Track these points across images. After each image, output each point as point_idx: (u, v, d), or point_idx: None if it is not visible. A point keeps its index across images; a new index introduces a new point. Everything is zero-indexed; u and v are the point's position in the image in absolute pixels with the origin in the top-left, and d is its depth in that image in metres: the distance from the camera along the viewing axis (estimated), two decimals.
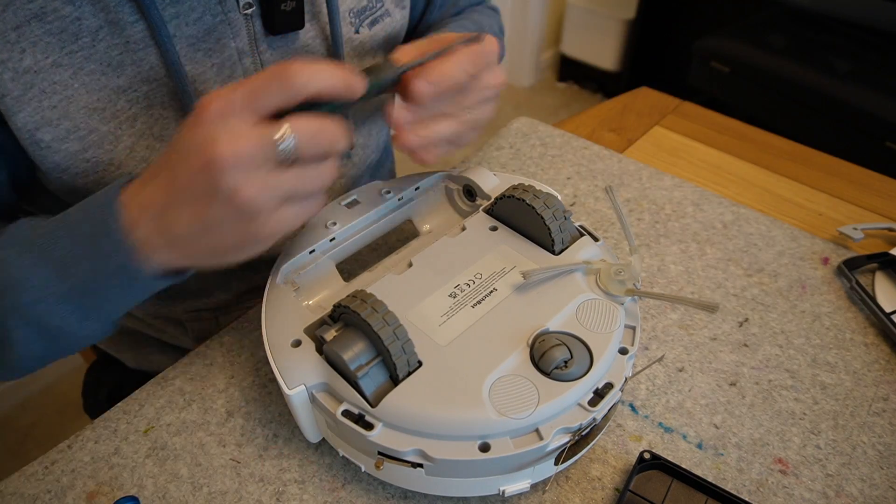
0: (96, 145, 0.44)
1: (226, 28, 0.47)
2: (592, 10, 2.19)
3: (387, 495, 0.41)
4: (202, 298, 0.62)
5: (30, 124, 0.41)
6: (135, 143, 0.46)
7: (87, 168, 0.45)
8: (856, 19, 1.47)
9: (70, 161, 0.44)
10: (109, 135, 0.45)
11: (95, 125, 0.44)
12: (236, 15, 0.47)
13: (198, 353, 0.50)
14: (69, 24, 0.40)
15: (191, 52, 0.46)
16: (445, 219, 0.52)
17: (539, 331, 0.39)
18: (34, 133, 0.42)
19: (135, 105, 0.45)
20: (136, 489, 0.42)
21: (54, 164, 0.44)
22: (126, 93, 0.44)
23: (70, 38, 0.41)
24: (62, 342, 0.41)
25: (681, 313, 0.53)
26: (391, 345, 0.35)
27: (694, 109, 0.81)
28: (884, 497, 0.41)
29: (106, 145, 0.45)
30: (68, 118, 0.42)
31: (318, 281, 0.45)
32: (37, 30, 0.39)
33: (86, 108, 0.43)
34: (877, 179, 0.69)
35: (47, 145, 0.43)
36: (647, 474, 0.41)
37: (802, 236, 0.61)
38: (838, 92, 1.51)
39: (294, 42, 0.51)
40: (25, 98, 0.40)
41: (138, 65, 0.44)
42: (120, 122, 0.45)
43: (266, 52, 0.50)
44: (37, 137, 0.42)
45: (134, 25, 0.42)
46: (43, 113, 0.41)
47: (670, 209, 0.64)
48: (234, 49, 0.48)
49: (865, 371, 0.49)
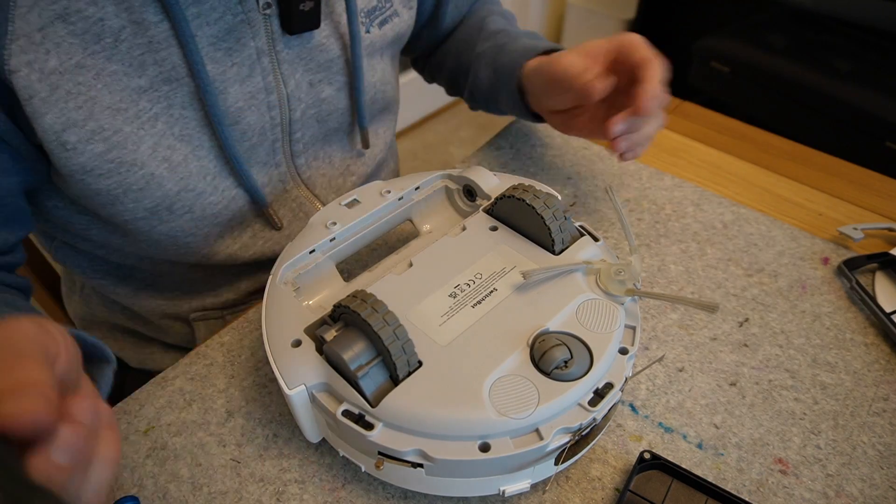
0: (120, 146, 0.44)
1: (245, 28, 0.47)
2: (592, 10, 2.19)
3: (387, 495, 0.41)
4: (210, 297, 0.62)
5: (56, 125, 0.41)
6: (157, 143, 0.46)
7: (111, 169, 0.45)
8: (856, 19, 1.47)
9: (95, 162, 0.44)
10: (133, 135, 0.45)
11: (119, 126, 0.44)
12: (256, 15, 0.47)
13: (198, 353, 0.50)
14: (92, 25, 0.40)
15: (211, 51, 0.46)
16: (445, 219, 0.52)
17: (539, 331, 0.39)
18: (60, 134, 0.42)
19: (156, 105, 0.45)
20: (136, 489, 0.42)
21: (79, 166, 0.44)
22: (147, 93, 0.44)
23: (93, 38, 0.41)
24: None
25: (681, 313, 0.53)
26: (391, 345, 0.35)
27: (694, 109, 0.81)
28: (884, 497, 0.41)
29: (130, 146, 0.45)
30: (94, 119, 0.42)
31: (318, 281, 0.45)
32: (61, 31, 0.39)
33: (109, 108, 0.43)
34: (877, 179, 0.69)
35: (73, 146, 0.42)
36: (647, 474, 0.41)
37: (802, 236, 0.61)
38: (838, 92, 1.51)
39: (309, 42, 0.52)
40: (52, 99, 0.40)
41: (160, 65, 0.44)
42: (142, 123, 0.45)
43: (283, 52, 0.50)
44: (63, 139, 0.42)
45: (157, 25, 0.43)
46: (69, 114, 0.41)
47: (670, 209, 0.64)
48: (254, 48, 0.48)
49: (866, 371, 0.49)
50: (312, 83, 0.54)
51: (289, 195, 0.59)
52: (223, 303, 0.62)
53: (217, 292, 0.62)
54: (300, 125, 0.55)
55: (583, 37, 2.29)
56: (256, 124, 0.51)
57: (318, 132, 0.57)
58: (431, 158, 2.02)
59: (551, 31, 2.43)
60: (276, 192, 0.57)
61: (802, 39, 1.59)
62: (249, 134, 0.51)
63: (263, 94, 0.50)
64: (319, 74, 0.54)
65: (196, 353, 0.50)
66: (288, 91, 0.52)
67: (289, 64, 0.51)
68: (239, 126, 0.50)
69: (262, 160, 0.54)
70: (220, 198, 0.52)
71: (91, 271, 0.62)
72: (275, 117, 0.52)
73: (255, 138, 0.52)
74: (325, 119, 0.57)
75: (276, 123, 0.53)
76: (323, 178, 0.61)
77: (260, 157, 0.54)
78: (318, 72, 0.54)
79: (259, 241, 0.58)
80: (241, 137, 0.51)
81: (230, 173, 0.52)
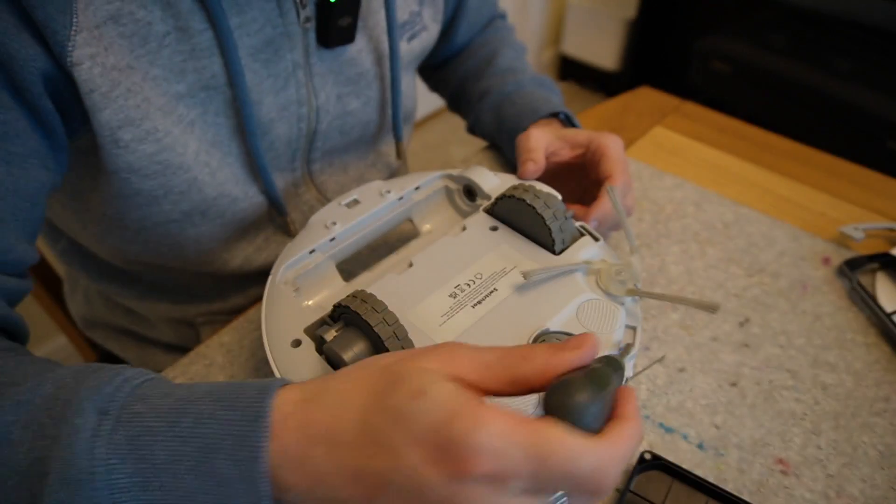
0: (170, 148, 0.44)
1: (284, 40, 0.47)
2: (593, 9, 2.19)
3: None
4: (217, 302, 0.62)
5: (113, 122, 0.41)
6: (198, 147, 0.46)
7: (157, 170, 0.45)
8: (856, 19, 1.47)
9: (144, 162, 0.44)
10: (181, 138, 0.45)
11: (170, 128, 0.44)
12: (295, 28, 0.47)
13: (198, 353, 0.50)
14: (140, 28, 0.40)
15: (250, 61, 0.46)
16: (446, 219, 0.52)
17: (539, 331, 0.39)
18: (116, 131, 0.41)
19: (192, 111, 0.45)
20: None
21: (127, 165, 0.43)
22: (184, 99, 0.44)
23: (139, 41, 0.41)
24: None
25: (681, 313, 0.53)
26: (391, 345, 0.35)
27: (694, 109, 0.81)
28: (885, 497, 0.41)
29: (178, 148, 0.45)
30: (149, 119, 0.42)
31: (318, 281, 0.45)
32: (112, 31, 0.39)
33: (160, 110, 0.43)
34: (878, 179, 0.69)
35: (126, 144, 0.42)
36: (647, 475, 0.41)
37: (803, 236, 0.61)
38: (839, 92, 1.51)
39: (342, 55, 0.52)
40: (112, 95, 0.40)
41: (200, 72, 0.44)
42: (184, 128, 0.45)
43: (317, 65, 0.51)
44: (117, 136, 0.42)
45: (202, 34, 0.43)
46: (127, 112, 0.41)
47: (671, 209, 0.64)
48: (290, 61, 0.48)
49: (866, 371, 0.49)
50: (340, 96, 0.54)
51: (300, 199, 0.59)
52: (231, 308, 0.62)
53: (225, 297, 0.62)
54: (323, 136, 0.55)
55: (583, 37, 2.29)
56: (285, 135, 0.52)
57: (339, 143, 0.58)
58: (431, 158, 2.02)
59: (552, 31, 2.43)
60: (289, 196, 0.58)
61: (803, 39, 1.59)
62: (277, 144, 0.52)
63: (295, 106, 0.51)
64: (348, 88, 0.54)
65: (196, 354, 0.50)
66: (318, 104, 0.52)
67: (320, 77, 0.51)
68: (268, 136, 0.51)
69: (282, 167, 0.55)
70: (248, 204, 0.53)
71: (97, 275, 0.62)
72: (302, 129, 0.53)
73: (281, 148, 0.53)
74: (347, 131, 0.57)
75: (302, 134, 0.53)
76: (336, 184, 0.61)
77: (281, 165, 0.54)
78: (346, 85, 0.54)
79: (272, 244, 0.59)
80: (269, 147, 0.51)
81: (255, 180, 0.53)
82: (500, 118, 0.63)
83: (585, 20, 2.24)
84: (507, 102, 0.63)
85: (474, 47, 0.72)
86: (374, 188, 0.50)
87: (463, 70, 0.71)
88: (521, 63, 0.70)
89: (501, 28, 0.75)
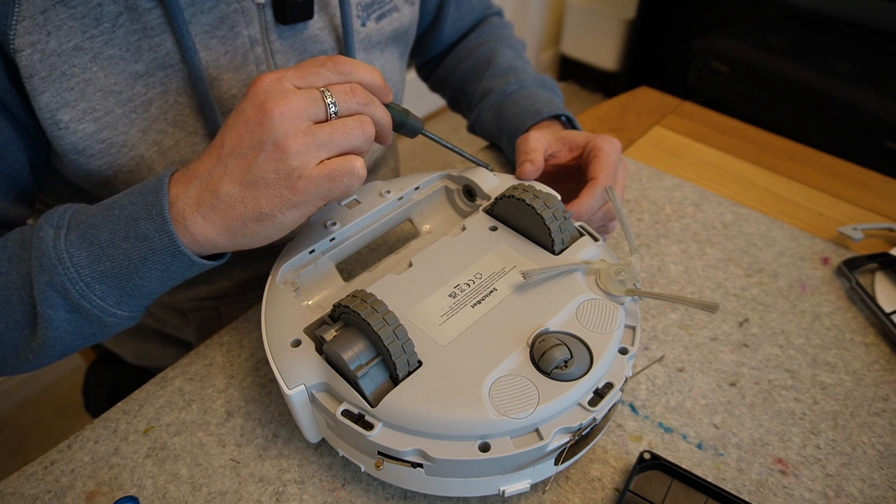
0: (111, 127, 0.46)
1: (239, 16, 0.48)
2: (592, 9, 2.19)
3: (387, 495, 0.41)
4: (204, 286, 0.62)
5: (51, 105, 0.43)
6: (148, 126, 0.47)
7: (102, 149, 0.46)
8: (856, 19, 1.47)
9: (86, 142, 0.45)
10: (124, 117, 0.46)
11: (111, 107, 0.45)
12: (249, 4, 0.48)
13: (198, 353, 0.50)
14: (91, 10, 0.42)
15: (205, 38, 0.47)
16: (445, 219, 0.52)
17: (539, 331, 0.39)
18: (55, 113, 0.43)
19: (151, 90, 0.46)
20: (136, 489, 0.42)
21: (71, 145, 0.45)
22: (143, 78, 0.46)
23: (92, 22, 0.42)
24: (92, 326, 0.42)
25: (681, 313, 0.53)
26: (391, 344, 0.35)
27: (694, 109, 0.81)
28: (884, 497, 0.41)
29: (120, 127, 0.46)
30: (85, 100, 0.44)
31: (318, 281, 0.45)
32: (62, 14, 0.41)
33: (102, 90, 0.44)
34: (877, 179, 0.69)
35: (65, 125, 0.44)
36: (647, 474, 0.41)
37: (802, 236, 0.61)
38: (838, 92, 1.51)
39: (302, 32, 0.52)
40: (50, 79, 0.42)
41: (155, 50, 0.45)
42: (135, 106, 0.46)
43: (276, 42, 0.51)
44: (56, 118, 0.43)
45: (151, 12, 0.44)
46: (63, 94, 0.43)
47: (670, 209, 0.64)
48: (247, 37, 0.49)
49: (865, 371, 0.49)
50: None
51: None
52: (217, 291, 0.62)
53: (211, 280, 0.62)
54: None
55: (582, 37, 2.29)
56: None
57: None
58: (431, 158, 2.02)
59: (551, 31, 2.43)
60: None
61: (802, 39, 1.59)
62: None
63: None
64: None
65: (195, 353, 0.50)
66: None
67: (282, 54, 0.52)
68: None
69: None
70: None
71: None
72: None
73: None
74: None
75: None
76: None
77: None
78: None
79: None
80: None
81: None
82: (502, 118, 0.63)
83: (585, 20, 2.25)
84: (509, 102, 0.63)
85: (472, 45, 0.72)
86: (374, 188, 0.50)
87: (462, 69, 0.71)
88: (522, 61, 0.70)
89: (499, 25, 0.74)
